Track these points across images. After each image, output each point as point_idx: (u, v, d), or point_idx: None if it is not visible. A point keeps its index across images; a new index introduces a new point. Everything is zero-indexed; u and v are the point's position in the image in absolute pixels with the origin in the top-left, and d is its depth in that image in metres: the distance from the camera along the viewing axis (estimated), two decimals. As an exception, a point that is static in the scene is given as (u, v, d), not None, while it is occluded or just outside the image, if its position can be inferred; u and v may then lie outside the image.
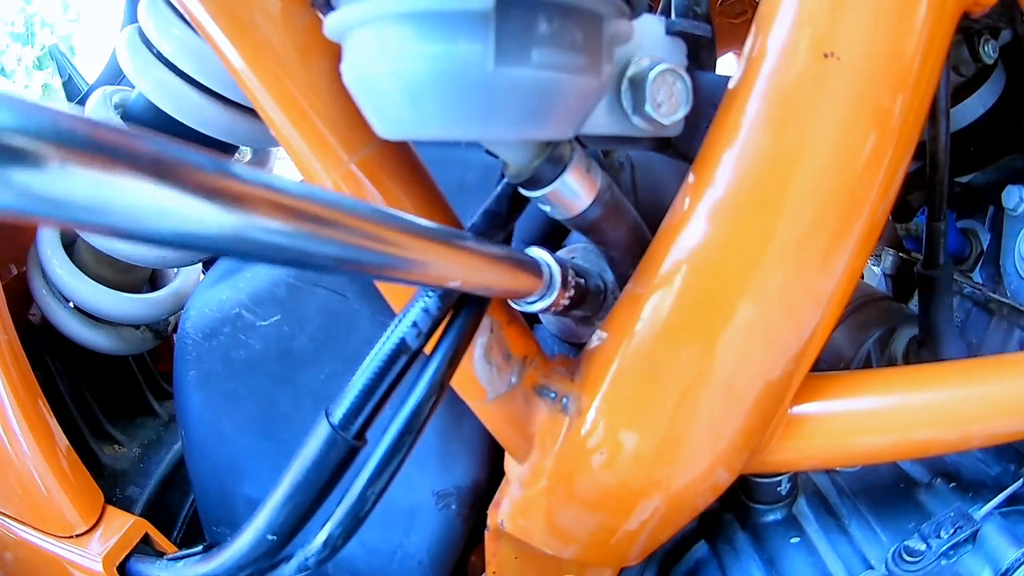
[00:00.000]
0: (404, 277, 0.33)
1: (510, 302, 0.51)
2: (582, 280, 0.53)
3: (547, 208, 0.48)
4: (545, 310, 0.50)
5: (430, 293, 0.43)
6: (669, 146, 0.51)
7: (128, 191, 0.19)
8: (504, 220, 0.50)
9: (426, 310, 0.43)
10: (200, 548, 0.52)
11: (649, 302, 0.51)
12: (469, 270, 0.37)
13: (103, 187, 0.18)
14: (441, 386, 0.45)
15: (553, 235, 0.84)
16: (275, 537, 0.43)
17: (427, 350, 0.45)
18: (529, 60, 0.32)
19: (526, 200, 0.49)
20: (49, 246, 0.98)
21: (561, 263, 0.50)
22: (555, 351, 0.78)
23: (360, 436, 0.43)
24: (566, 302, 0.50)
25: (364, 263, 0.30)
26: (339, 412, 0.42)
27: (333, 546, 0.46)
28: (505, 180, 0.49)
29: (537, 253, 0.50)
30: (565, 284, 0.49)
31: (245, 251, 0.24)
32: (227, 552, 0.46)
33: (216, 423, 0.82)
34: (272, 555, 0.44)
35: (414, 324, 0.42)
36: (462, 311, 0.45)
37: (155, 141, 0.20)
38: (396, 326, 0.43)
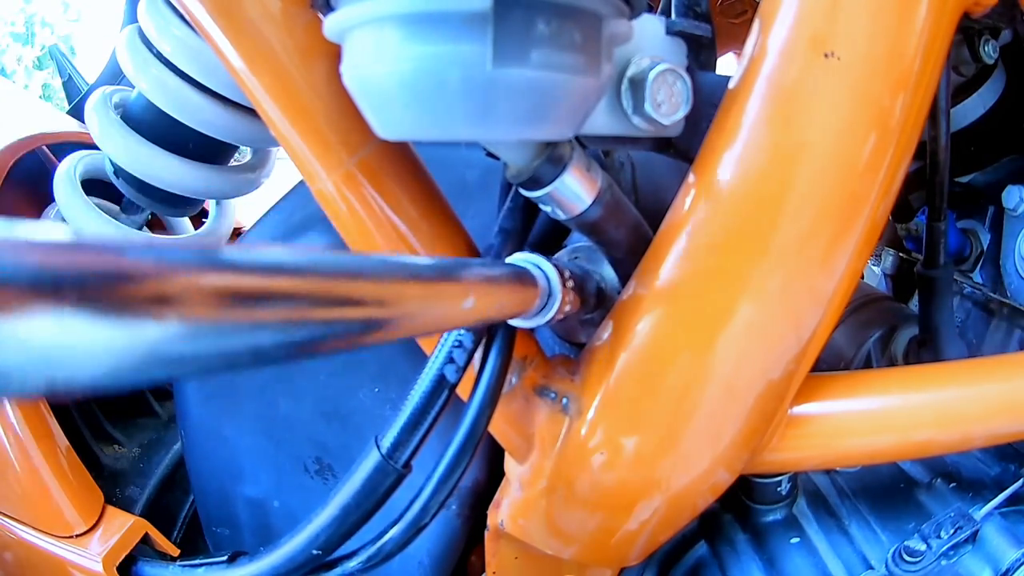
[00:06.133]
0: (387, 337, 0.26)
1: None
2: (580, 282, 0.52)
3: (547, 208, 0.47)
4: (546, 324, 0.48)
5: (461, 331, 0.45)
6: (669, 146, 0.51)
7: None
8: (521, 235, 0.51)
9: (459, 343, 0.46)
10: (224, 555, 0.53)
11: (650, 302, 0.51)
12: (470, 304, 0.33)
13: None
14: (491, 406, 0.49)
15: (553, 235, 0.84)
16: (320, 552, 0.47)
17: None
18: (528, 60, 0.32)
19: (537, 209, 0.49)
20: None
21: (559, 269, 0.48)
22: (555, 351, 0.78)
23: (407, 464, 0.47)
24: (568, 308, 0.49)
25: (328, 336, 0.22)
26: (387, 442, 0.46)
27: (388, 553, 0.49)
28: (512, 194, 0.49)
29: (528, 259, 0.47)
30: (565, 292, 0.48)
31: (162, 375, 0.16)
32: (261, 562, 0.48)
33: (216, 423, 0.82)
34: (309, 567, 0.48)
35: (451, 360, 0.45)
36: (496, 337, 0.49)
37: None
38: (433, 362, 0.46)
